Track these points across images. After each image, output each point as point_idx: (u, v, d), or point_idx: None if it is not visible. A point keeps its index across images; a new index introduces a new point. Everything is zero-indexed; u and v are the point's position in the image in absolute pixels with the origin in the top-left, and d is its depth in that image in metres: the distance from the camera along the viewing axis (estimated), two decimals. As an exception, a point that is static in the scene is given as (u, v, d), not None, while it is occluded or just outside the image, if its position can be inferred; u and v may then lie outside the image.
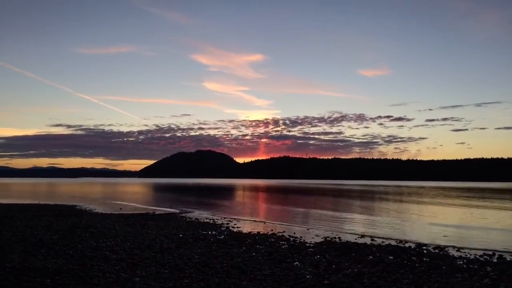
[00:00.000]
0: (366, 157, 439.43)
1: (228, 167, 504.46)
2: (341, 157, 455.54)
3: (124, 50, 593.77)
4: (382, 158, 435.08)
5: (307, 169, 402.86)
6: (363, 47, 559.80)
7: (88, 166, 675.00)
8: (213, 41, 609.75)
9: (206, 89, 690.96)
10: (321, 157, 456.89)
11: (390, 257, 13.00)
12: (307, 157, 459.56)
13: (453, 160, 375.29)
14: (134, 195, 59.56)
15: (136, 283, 8.98)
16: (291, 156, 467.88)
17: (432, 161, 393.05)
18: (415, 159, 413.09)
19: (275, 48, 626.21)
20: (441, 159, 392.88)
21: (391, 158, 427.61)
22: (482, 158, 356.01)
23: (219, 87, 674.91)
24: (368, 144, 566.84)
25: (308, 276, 10.05)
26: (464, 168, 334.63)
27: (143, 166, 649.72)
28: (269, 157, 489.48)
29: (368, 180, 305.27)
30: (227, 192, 75.15)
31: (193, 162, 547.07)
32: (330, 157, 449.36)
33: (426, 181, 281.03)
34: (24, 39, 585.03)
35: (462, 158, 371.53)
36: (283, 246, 14.82)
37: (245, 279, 9.62)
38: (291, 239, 16.83)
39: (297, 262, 11.85)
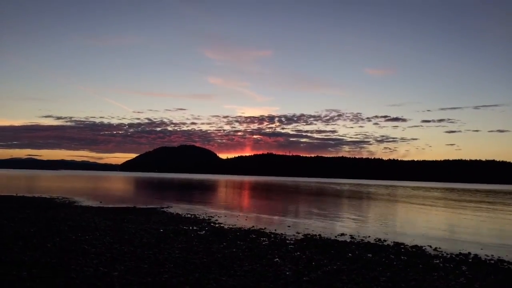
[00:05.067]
0: (348, 156, 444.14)
1: (211, 163, 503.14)
2: (329, 155, 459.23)
3: (127, 42, 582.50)
4: (364, 157, 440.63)
5: (289, 166, 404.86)
6: (368, 47, 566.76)
7: (69, 159, 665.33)
8: (222, 36, 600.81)
9: (209, 83, 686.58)
10: (308, 155, 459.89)
11: (369, 255, 13.17)
12: (290, 155, 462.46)
13: (433, 161, 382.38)
14: (115, 189, 58.88)
15: (115, 278, 8.89)
16: (274, 153, 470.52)
17: (413, 161, 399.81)
18: (396, 159, 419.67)
19: (283, 45, 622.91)
20: (422, 159, 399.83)
21: (373, 158, 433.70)
22: (461, 159, 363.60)
23: (222, 82, 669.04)
24: (359, 143, 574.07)
25: (288, 273, 10.11)
26: (445, 169, 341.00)
27: (125, 160, 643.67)
28: (252, 154, 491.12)
29: (347, 178, 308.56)
30: (209, 188, 74.98)
31: (175, 157, 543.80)
32: (313, 155, 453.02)
33: (405, 181, 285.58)
34: (19, 26, 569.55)
35: (442, 159, 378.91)
36: (263, 243, 14.87)
37: (225, 275, 9.63)
38: (272, 235, 16.89)
39: (277, 259, 11.91)
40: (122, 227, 17.08)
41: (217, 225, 19.82)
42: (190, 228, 18.22)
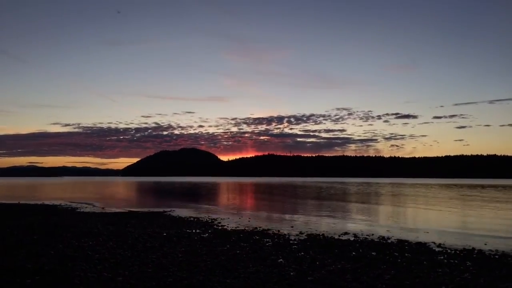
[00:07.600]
0: (352, 155, 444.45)
1: (211, 165, 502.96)
2: (333, 155, 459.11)
3: (137, 45, 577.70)
4: (365, 156, 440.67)
5: (290, 167, 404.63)
6: (382, 45, 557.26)
7: (70, 165, 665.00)
8: (235, 37, 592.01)
9: (218, 85, 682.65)
10: (310, 155, 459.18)
11: (372, 253, 13.15)
12: (291, 155, 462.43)
13: (435, 157, 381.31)
14: (116, 194, 58.88)
15: (119, 283, 8.88)
16: (275, 154, 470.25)
17: (414, 158, 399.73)
18: (398, 156, 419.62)
19: (296, 46, 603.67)
20: (423, 156, 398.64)
21: (373, 156, 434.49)
22: (463, 155, 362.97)
23: (232, 84, 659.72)
24: (366, 141, 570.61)
25: (292, 273, 10.10)
26: (448, 165, 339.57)
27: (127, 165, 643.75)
28: (254, 155, 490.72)
29: (349, 177, 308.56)
30: (210, 190, 74.96)
31: (176, 161, 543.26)
32: (314, 155, 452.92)
33: (408, 178, 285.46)
34: (26, 34, 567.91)
35: (444, 155, 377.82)
36: (267, 244, 14.85)
37: (230, 277, 9.61)
38: (275, 236, 16.87)
39: (281, 259, 11.89)
40: (125, 232, 17.06)
41: (220, 228, 19.80)
42: (193, 231, 18.21)
